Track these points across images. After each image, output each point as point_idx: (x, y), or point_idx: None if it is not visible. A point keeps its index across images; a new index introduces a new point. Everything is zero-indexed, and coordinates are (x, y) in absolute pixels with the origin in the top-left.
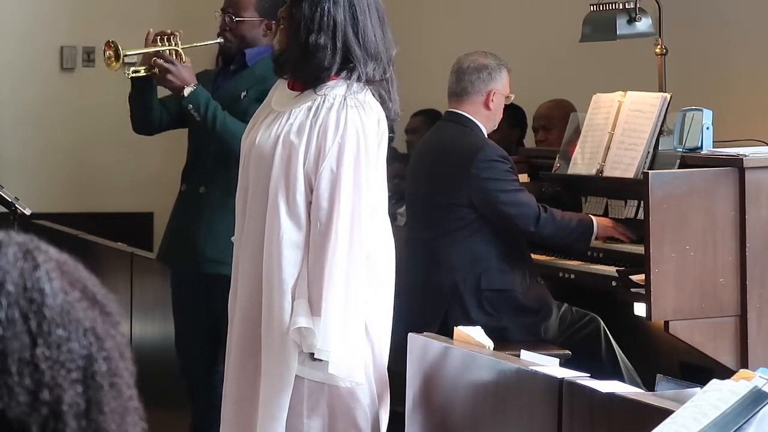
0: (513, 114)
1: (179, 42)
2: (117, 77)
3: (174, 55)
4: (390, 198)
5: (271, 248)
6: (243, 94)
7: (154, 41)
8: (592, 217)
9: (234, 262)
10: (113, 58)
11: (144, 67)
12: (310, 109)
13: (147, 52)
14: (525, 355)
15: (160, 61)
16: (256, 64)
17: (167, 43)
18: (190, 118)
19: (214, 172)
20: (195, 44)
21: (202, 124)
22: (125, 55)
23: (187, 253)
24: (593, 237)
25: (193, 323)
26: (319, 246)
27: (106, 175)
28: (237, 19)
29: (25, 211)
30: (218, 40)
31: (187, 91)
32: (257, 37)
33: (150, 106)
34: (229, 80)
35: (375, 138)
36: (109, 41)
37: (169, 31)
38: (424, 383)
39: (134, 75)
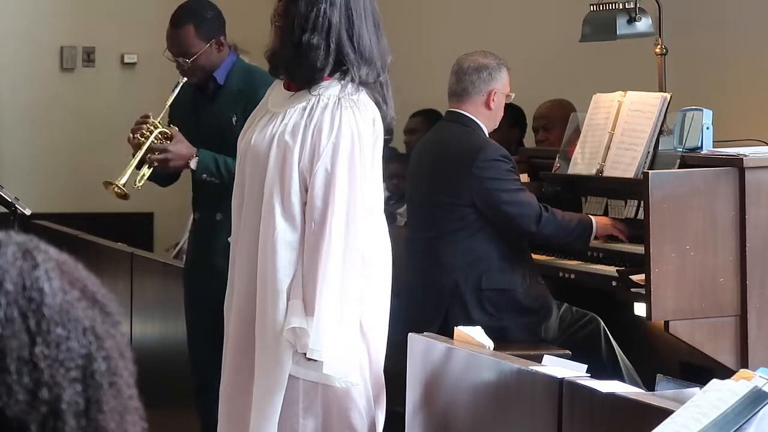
0: (512, 114)
1: (156, 122)
2: (117, 77)
3: (161, 138)
4: (390, 198)
5: (266, 248)
6: (234, 119)
7: (136, 140)
8: (591, 216)
9: (230, 262)
10: (120, 191)
11: (145, 167)
12: (304, 109)
13: (139, 160)
14: (547, 360)
15: (156, 155)
16: (228, 80)
17: (147, 132)
18: (209, 184)
19: (225, 197)
20: (167, 104)
21: (222, 184)
22: (123, 184)
23: (207, 273)
24: (593, 236)
25: (205, 326)
26: (313, 246)
27: (106, 176)
28: (191, 60)
29: (25, 211)
30: (183, 80)
31: (193, 164)
32: (216, 59)
33: (165, 175)
34: (212, 104)
35: (370, 138)
36: (104, 184)
37: (141, 119)
38: (425, 383)
39: (142, 182)
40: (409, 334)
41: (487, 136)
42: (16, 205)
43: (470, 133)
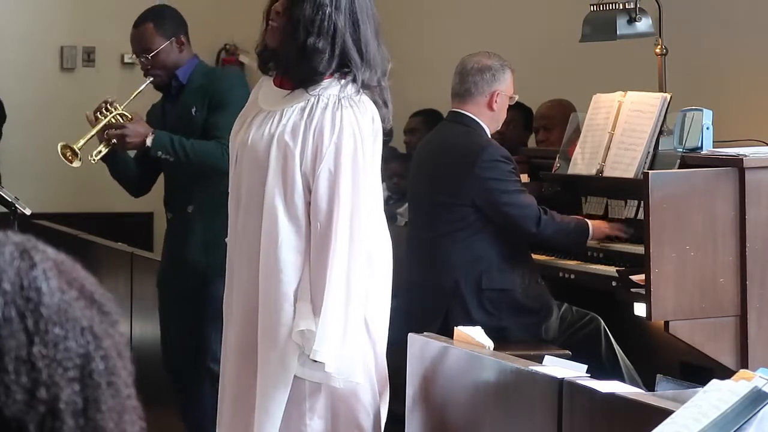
0: (525, 117)
1: (117, 106)
2: (116, 77)
3: (121, 119)
4: (390, 198)
5: (269, 251)
6: (193, 110)
7: (96, 119)
8: (587, 220)
9: (228, 263)
10: (72, 155)
11: (102, 145)
12: (303, 109)
13: (97, 131)
14: (548, 360)
15: (113, 131)
16: (191, 79)
17: (108, 113)
18: (164, 162)
19: (196, 190)
20: (131, 98)
21: (178, 161)
22: (79, 148)
23: (185, 266)
24: (589, 239)
25: (181, 325)
26: (319, 248)
27: (106, 175)
28: (151, 56)
29: (25, 211)
30: (148, 80)
31: (149, 141)
32: (177, 58)
33: (131, 174)
34: (175, 102)
35: (370, 136)
36: (61, 146)
37: (104, 103)
38: (424, 383)
39: (99, 157)
40: (409, 334)
41: (489, 136)
42: (16, 205)
43: (472, 134)
